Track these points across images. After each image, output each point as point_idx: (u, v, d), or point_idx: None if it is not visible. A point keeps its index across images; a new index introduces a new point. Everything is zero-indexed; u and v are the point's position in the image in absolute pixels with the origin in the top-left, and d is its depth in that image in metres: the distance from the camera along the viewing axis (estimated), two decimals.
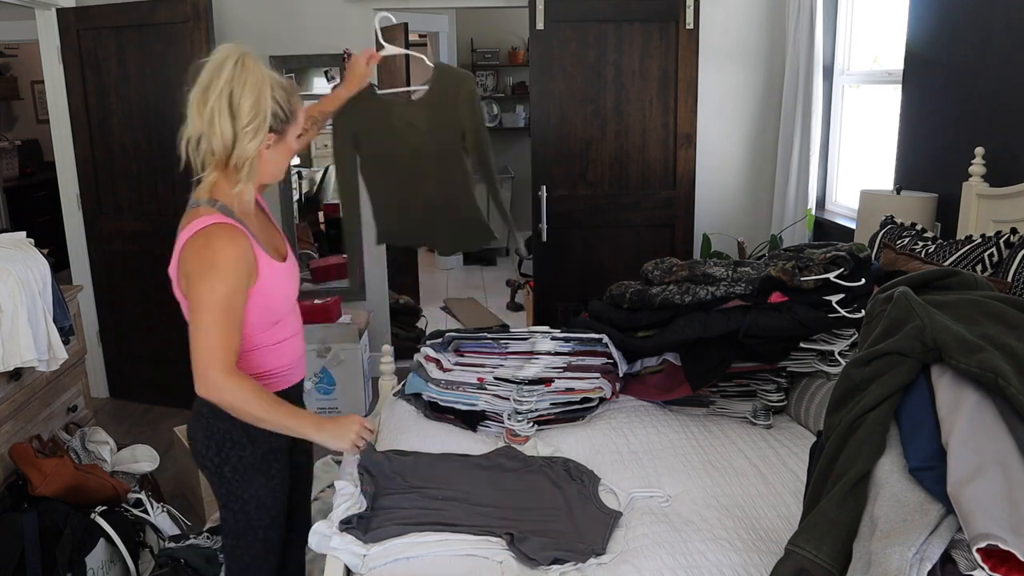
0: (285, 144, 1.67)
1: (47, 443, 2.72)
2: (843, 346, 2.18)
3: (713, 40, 4.12)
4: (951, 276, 1.58)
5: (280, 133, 1.63)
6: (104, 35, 3.91)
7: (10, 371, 2.56)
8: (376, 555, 1.60)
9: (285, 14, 4.05)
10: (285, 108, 1.62)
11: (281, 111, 1.61)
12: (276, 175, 1.72)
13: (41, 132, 7.03)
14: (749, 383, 2.32)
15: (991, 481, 1.12)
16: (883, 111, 3.68)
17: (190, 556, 2.46)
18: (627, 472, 1.98)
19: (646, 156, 4.01)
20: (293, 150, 1.72)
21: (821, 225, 4.04)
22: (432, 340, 2.46)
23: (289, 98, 1.63)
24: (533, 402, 2.22)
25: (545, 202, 3.95)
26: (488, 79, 7.45)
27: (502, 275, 6.67)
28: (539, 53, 3.89)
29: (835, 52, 4.01)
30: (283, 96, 1.61)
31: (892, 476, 1.25)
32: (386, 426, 2.29)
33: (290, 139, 1.67)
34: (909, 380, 1.36)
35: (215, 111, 1.55)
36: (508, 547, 1.61)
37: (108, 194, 4.12)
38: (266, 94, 1.57)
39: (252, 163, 1.59)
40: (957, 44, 2.97)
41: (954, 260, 2.41)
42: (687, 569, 1.56)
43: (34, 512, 2.33)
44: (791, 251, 2.49)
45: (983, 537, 1.04)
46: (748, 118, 4.31)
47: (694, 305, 2.29)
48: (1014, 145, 2.68)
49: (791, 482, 1.89)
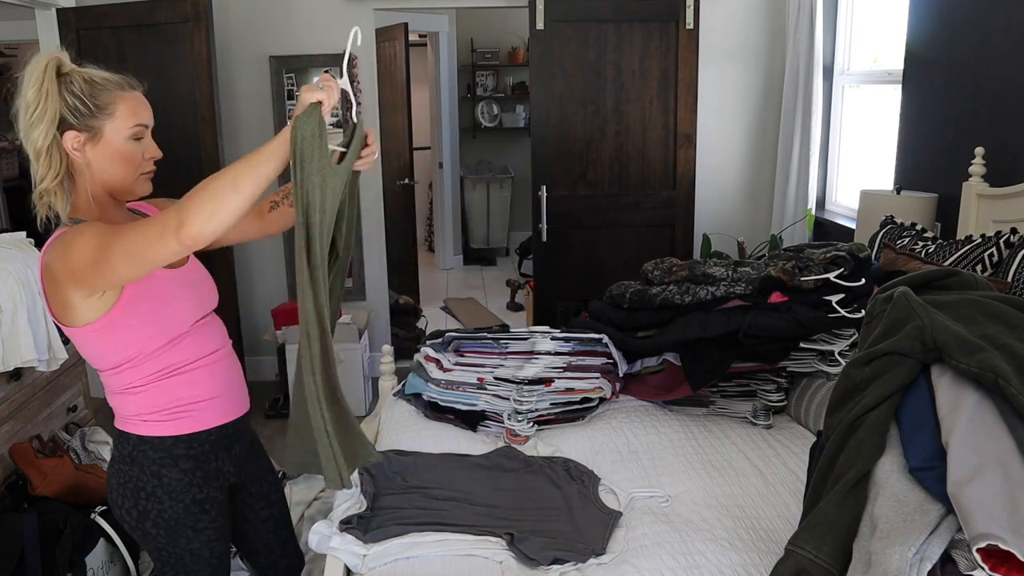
0: (105, 144, 1.44)
1: (47, 443, 2.72)
2: (843, 346, 2.18)
3: (713, 40, 4.12)
4: (951, 276, 1.58)
5: (89, 130, 1.43)
6: (104, 35, 3.91)
7: (10, 371, 2.56)
8: (376, 555, 1.60)
9: (285, 14, 4.05)
10: (87, 100, 1.42)
11: (82, 104, 1.42)
12: (122, 185, 1.49)
13: None
14: (749, 383, 2.32)
15: (991, 481, 1.12)
16: (883, 111, 3.68)
17: None
18: (627, 472, 1.98)
19: (646, 156, 4.01)
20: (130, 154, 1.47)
21: (821, 225, 4.04)
22: (432, 340, 2.46)
23: (97, 92, 1.43)
24: (533, 402, 2.22)
25: (545, 202, 3.95)
26: (488, 79, 7.45)
27: (502, 275, 6.67)
28: (539, 53, 3.89)
29: (835, 52, 4.01)
30: (85, 88, 1.43)
31: (892, 476, 1.25)
32: (386, 426, 2.29)
33: (112, 137, 1.44)
34: (909, 380, 1.36)
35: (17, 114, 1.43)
36: (508, 547, 1.61)
37: None
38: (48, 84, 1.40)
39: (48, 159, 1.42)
40: (957, 44, 2.97)
41: (954, 260, 2.41)
42: (687, 569, 1.56)
43: (34, 512, 2.33)
44: (791, 251, 2.49)
45: (983, 537, 1.04)
46: (748, 118, 4.31)
47: (694, 305, 2.29)
48: (1014, 145, 2.67)
49: (791, 482, 1.89)
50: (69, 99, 1.42)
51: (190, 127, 3.84)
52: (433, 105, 6.76)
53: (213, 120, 3.79)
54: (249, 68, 4.10)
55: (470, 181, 7.28)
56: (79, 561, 2.32)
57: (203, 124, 3.81)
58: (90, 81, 1.45)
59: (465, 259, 7.40)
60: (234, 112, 4.12)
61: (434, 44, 6.57)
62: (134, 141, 1.48)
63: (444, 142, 6.76)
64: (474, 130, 7.45)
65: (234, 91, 4.11)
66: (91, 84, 1.44)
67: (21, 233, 2.83)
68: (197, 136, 3.83)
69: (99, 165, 1.46)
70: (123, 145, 1.46)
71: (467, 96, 7.31)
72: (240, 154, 3.42)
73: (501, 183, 7.35)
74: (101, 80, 1.46)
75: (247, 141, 4.13)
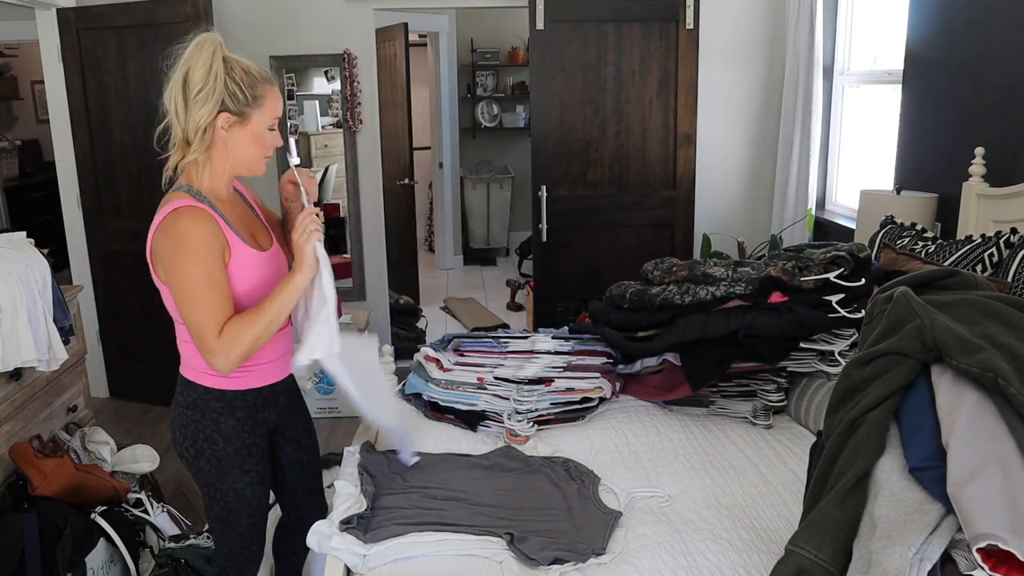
0: (250, 130, 1.65)
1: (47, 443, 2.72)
2: (843, 346, 2.18)
3: (713, 40, 4.12)
4: (951, 276, 1.58)
5: (240, 115, 1.62)
6: (104, 35, 3.91)
7: (10, 371, 2.56)
8: (376, 555, 1.60)
9: (285, 14, 4.05)
10: (246, 90, 1.61)
11: (240, 92, 1.61)
12: (249, 165, 1.70)
13: (41, 132, 7.03)
14: (749, 383, 2.32)
15: (991, 481, 1.12)
16: (883, 111, 3.68)
17: (190, 556, 2.46)
18: (627, 472, 1.98)
19: (646, 156, 4.01)
20: (264, 141, 1.68)
21: (821, 225, 4.04)
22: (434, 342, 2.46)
23: (254, 83, 1.63)
24: (533, 402, 2.22)
25: (545, 202, 3.94)
26: (488, 79, 7.45)
27: (502, 275, 6.66)
28: (539, 53, 3.89)
29: (835, 52, 4.01)
30: (245, 78, 1.61)
31: (892, 476, 1.25)
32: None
33: (256, 125, 1.65)
34: (909, 380, 1.36)
35: (173, 86, 1.61)
36: (508, 547, 1.61)
37: (108, 194, 4.12)
38: (218, 69, 1.58)
39: (203, 135, 1.61)
40: (957, 44, 2.97)
41: (954, 260, 2.41)
42: (687, 569, 1.56)
43: (34, 512, 2.33)
44: (791, 251, 2.49)
45: (983, 537, 1.04)
46: (748, 118, 4.31)
47: (694, 305, 2.29)
48: (1014, 145, 2.67)
49: (791, 482, 1.89)
50: (231, 85, 1.60)
51: None
52: (433, 105, 6.76)
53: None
54: None
55: (470, 181, 7.27)
56: (79, 561, 2.32)
57: None
58: (247, 72, 1.63)
59: (465, 259, 7.40)
60: None
61: (434, 44, 6.57)
62: (269, 130, 1.68)
63: (444, 142, 6.75)
64: (474, 130, 7.45)
65: None
66: (249, 75, 1.63)
67: (21, 233, 2.83)
68: None
69: (239, 145, 1.65)
70: (263, 133, 1.67)
71: (467, 96, 7.31)
72: None
73: (501, 183, 7.35)
74: (256, 72, 1.65)
75: None
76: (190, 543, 2.53)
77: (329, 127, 4.40)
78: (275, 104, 1.68)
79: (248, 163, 1.69)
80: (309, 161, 4.57)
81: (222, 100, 1.60)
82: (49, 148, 4.93)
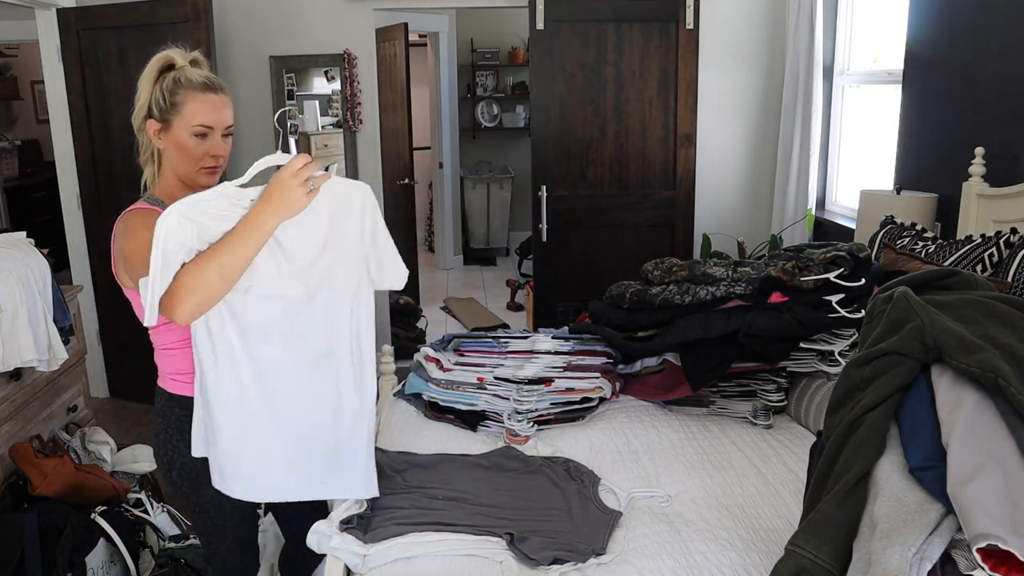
0: (172, 137, 1.63)
1: (47, 443, 2.72)
2: (843, 346, 2.18)
3: (713, 40, 4.12)
4: (951, 276, 1.58)
5: (164, 123, 1.63)
6: (104, 35, 3.91)
7: (10, 371, 2.56)
8: (376, 555, 1.59)
9: (285, 14, 4.05)
10: (167, 96, 1.62)
11: (162, 99, 1.62)
12: (186, 175, 1.67)
13: (41, 132, 7.03)
14: (749, 383, 2.32)
15: (991, 481, 1.12)
16: (883, 111, 3.68)
17: (190, 556, 2.46)
18: (627, 472, 1.98)
19: (646, 156, 4.01)
20: (187, 148, 1.63)
21: (821, 225, 4.04)
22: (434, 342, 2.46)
23: (176, 91, 1.61)
24: (533, 402, 2.22)
25: (545, 202, 3.95)
26: (488, 79, 7.45)
27: (502, 275, 6.67)
28: (539, 53, 3.89)
29: (835, 52, 4.01)
30: (170, 85, 1.62)
31: (892, 476, 1.25)
32: (386, 426, 2.29)
33: (178, 133, 1.62)
34: (909, 380, 1.36)
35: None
36: (508, 547, 1.61)
37: (108, 194, 4.11)
38: (149, 76, 1.64)
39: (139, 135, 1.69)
40: (957, 44, 2.97)
41: (954, 260, 2.40)
42: (687, 569, 1.56)
43: (34, 512, 2.33)
44: (791, 251, 2.48)
45: (983, 537, 1.04)
46: (748, 118, 4.31)
47: (694, 305, 2.29)
48: (1014, 145, 2.67)
49: (791, 482, 1.89)
50: (156, 92, 1.63)
51: None
52: (433, 105, 6.76)
53: None
54: (249, 68, 4.10)
55: (470, 181, 7.27)
56: (79, 561, 2.32)
57: None
58: (177, 80, 1.63)
59: (465, 259, 7.40)
60: (234, 112, 4.11)
61: (434, 44, 6.57)
62: (196, 138, 1.64)
63: (444, 142, 6.75)
64: (474, 130, 7.45)
65: (234, 91, 4.08)
66: (175, 83, 1.63)
67: (21, 233, 2.83)
68: None
69: (168, 153, 1.67)
70: (186, 140, 1.64)
71: (467, 96, 7.31)
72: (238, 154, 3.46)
73: (501, 183, 7.35)
74: (185, 80, 1.63)
75: (247, 141, 4.13)
76: (190, 543, 2.53)
77: (329, 127, 4.40)
78: (197, 110, 1.61)
79: (185, 173, 1.67)
80: None
81: (148, 106, 1.64)
82: (49, 148, 4.93)
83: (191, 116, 1.62)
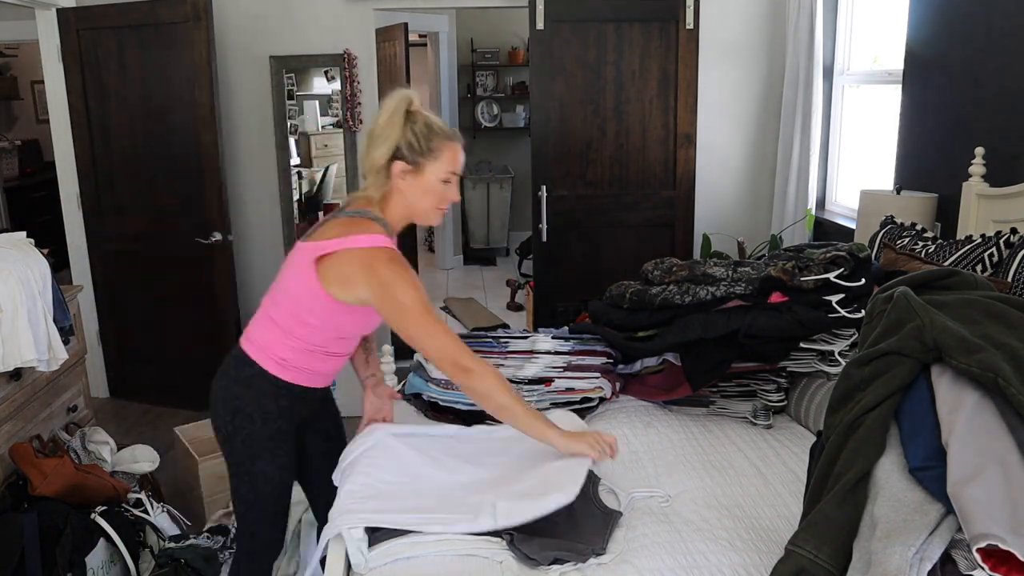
0: (422, 180, 1.78)
1: (47, 443, 2.72)
2: (843, 346, 2.18)
3: (713, 40, 4.12)
4: (951, 276, 1.58)
5: (413, 164, 1.76)
6: (104, 35, 3.91)
7: (10, 371, 2.56)
8: (376, 555, 1.60)
9: (285, 14, 4.05)
10: (422, 142, 1.75)
11: (416, 143, 1.75)
12: (423, 214, 1.84)
13: (41, 132, 7.03)
14: (749, 383, 2.32)
15: (991, 481, 1.12)
16: (883, 111, 3.68)
17: (190, 556, 2.46)
18: (627, 472, 1.98)
19: (646, 156, 4.01)
20: (437, 193, 1.80)
21: (821, 225, 4.04)
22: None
23: (431, 136, 1.75)
24: (533, 402, 2.22)
25: (545, 202, 3.94)
26: (488, 79, 7.45)
27: (502, 275, 6.67)
28: (539, 53, 3.89)
29: (835, 52, 4.01)
30: (423, 131, 1.75)
31: (892, 476, 1.25)
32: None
33: (428, 177, 1.78)
34: (909, 380, 1.36)
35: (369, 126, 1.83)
36: (508, 547, 1.61)
37: (108, 194, 4.12)
38: (398, 119, 1.75)
39: (377, 175, 1.78)
40: (957, 44, 2.97)
41: (954, 260, 2.41)
42: (687, 569, 1.56)
43: (34, 512, 2.33)
44: (791, 251, 2.48)
45: (983, 537, 1.04)
46: (748, 118, 4.31)
47: (694, 305, 2.29)
48: (1014, 145, 2.67)
49: (791, 482, 1.89)
50: (408, 135, 1.75)
51: (190, 127, 3.84)
52: (433, 105, 6.76)
53: (213, 120, 3.79)
54: (249, 68, 4.10)
55: (470, 181, 7.27)
56: (79, 561, 2.32)
57: (203, 124, 3.81)
58: (428, 125, 1.77)
59: (465, 259, 7.40)
60: (234, 112, 4.12)
61: (434, 44, 6.57)
62: (443, 183, 1.80)
63: None
64: (474, 130, 7.45)
65: (234, 91, 4.11)
66: (429, 128, 1.77)
67: (21, 233, 2.83)
68: (197, 136, 3.83)
69: (413, 193, 1.80)
70: (435, 184, 1.80)
71: (467, 96, 7.31)
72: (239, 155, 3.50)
73: (501, 183, 7.35)
74: (437, 128, 1.78)
75: (247, 141, 4.13)
76: (190, 543, 2.53)
77: (329, 127, 4.41)
78: (452, 159, 1.79)
79: (421, 212, 1.84)
80: (309, 161, 4.57)
81: (397, 146, 1.75)
82: (49, 148, 4.93)
83: (447, 163, 1.79)
